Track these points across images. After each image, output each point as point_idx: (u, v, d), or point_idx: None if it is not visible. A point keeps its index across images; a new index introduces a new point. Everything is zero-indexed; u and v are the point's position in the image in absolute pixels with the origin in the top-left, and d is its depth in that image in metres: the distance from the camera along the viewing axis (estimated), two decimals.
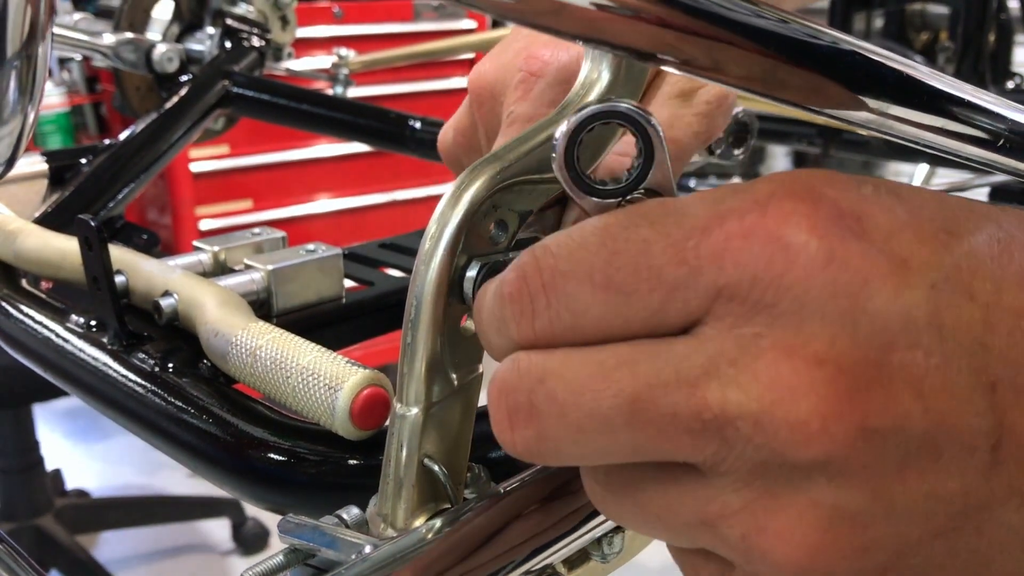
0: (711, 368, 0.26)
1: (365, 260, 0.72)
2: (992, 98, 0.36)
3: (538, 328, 0.29)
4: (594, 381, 0.28)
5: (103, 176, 0.86)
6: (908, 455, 0.26)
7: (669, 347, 0.27)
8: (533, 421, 0.28)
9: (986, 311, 0.26)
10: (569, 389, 0.28)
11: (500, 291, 0.30)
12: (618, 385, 0.27)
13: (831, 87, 0.33)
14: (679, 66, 0.32)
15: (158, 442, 0.53)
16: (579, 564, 0.38)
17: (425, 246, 0.35)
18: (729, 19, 0.30)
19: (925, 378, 0.26)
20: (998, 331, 0.26)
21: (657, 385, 0.27)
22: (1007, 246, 0.27)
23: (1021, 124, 0.36)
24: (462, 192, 0.35)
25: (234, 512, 2.40)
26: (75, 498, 2.42)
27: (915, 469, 0.26)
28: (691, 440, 0.27)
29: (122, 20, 1.19)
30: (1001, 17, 1.46)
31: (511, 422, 0.29)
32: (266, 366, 0.49)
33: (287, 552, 0.36)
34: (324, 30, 2.72)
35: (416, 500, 0.36)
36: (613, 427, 0.27)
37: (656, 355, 0.27)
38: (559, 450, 0.29)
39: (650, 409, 0.27)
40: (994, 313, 0.26)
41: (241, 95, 1.08)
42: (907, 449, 0.26)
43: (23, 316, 0.64)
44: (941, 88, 0.35)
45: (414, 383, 0.36)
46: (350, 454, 0.47)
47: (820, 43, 0.32)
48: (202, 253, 0.64)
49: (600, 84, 0.37)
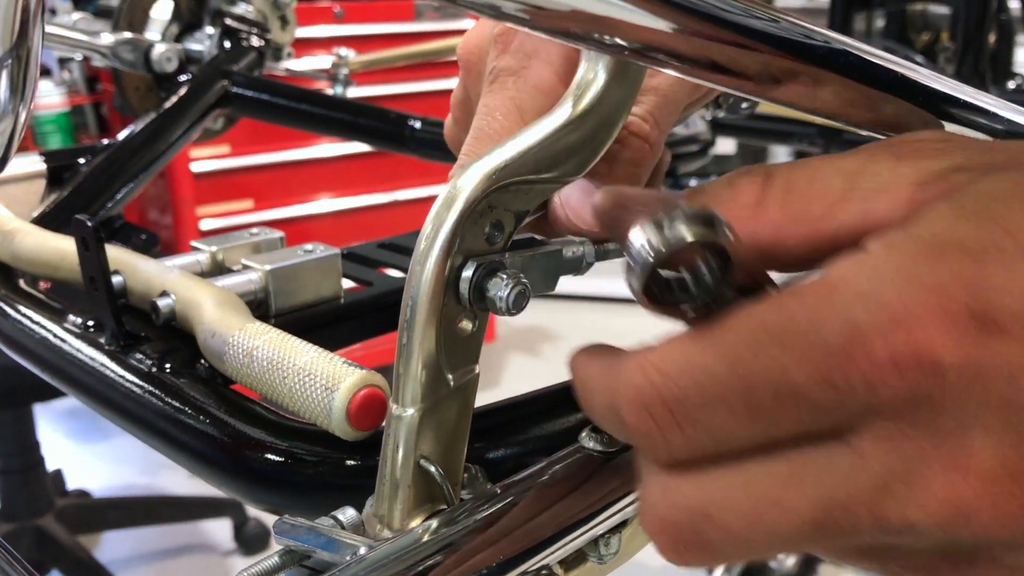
0: (883, 487, 0.27)
1: (364, 260, 0.72)
2: (989, 98, 0.36)
3: (677, 455, 0.28)
4: (767, 510, 0.27)
5: (101, 176, 0.86)
6: None
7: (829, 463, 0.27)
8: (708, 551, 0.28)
9: None
10: (743, 521, 0.28)
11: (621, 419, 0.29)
12: (795, 512, 0.27)
13: (830, 84, 0.33)
14: (676, 67, 0.32)
15: (155, 443, 0.53)
16: (576, 565, 0.38)
17: (421, 246, 0.35)
18: (726, 20, 0.30)
19: None
20: None
21: (834, 507, 0.27)
22: None
23: (1018, 124, 0.36)
24: (457, 192, 0.35)
25: (236, 512, 2.40)
26: (76, 498, 2.42)
27: None
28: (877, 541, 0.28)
29: (121, 20, 1.19)
30: (1002, 17, 1.46)
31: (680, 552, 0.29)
32: (263, 366, 0.49)
33: (283, 553, 0.36)
34: (324, 30, 2.72)
35: (412, 501, 0.36)
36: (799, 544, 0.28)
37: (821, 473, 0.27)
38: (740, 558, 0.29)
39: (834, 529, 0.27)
40: None
41: (240, 95, 1.08)
42: None
43: (21, 316, 0.64)
44: (938, 89, 0.35)
45: (410, 384, 0.36)
46: (347, 455, 0.47)
47: (817, 43, 0.32)
48: (200, 253, 0.64)
49: (596, 85, 0.37)
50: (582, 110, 0.37)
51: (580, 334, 3.64)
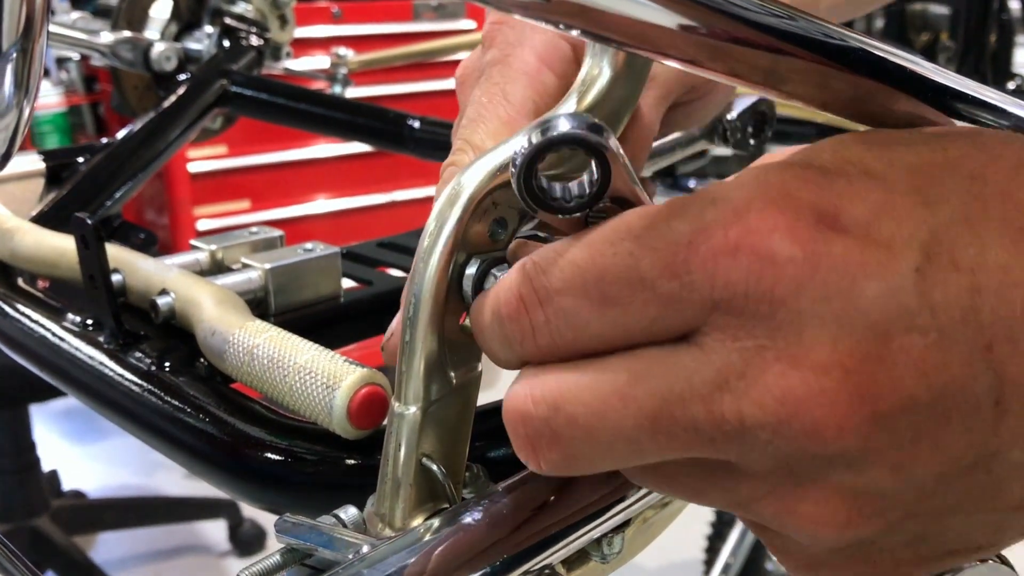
0: (722, 382, 0.27)
1: (364, 259, 0.72)
2: (996, 94, 0.36)
3: (541, 344, 0.30)
4: (612, 402, 0.28)
5: (100, 175, 0.86)
6: (919, 429, 0.27)
7: (676, 359, 0.28)
8: (557, 446, 0.29)
9: (972, 276, 0.27)
10: (588, 412, 0.29)
11: (497, 310, 0.31)
12: (636, 404, 0.28)
13: (834, 82, 0.33)
14: (680, 61, 0.31)
15: (154, 442, 0.53)
16: (578, 565, 0.37)
17: (424, 243, 0.35)
18: (732, 13, 0.30)
19: (925, 357, 0.27)
20: (986, 292, 0.27)
21: (673, 400, 0.28)
22: (983, 200, 0.28)
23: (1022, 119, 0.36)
24: (461, 189, 0.35)
25: (231, 513, 2.39)
26: (72, 499, 2.42)
27: (927, 439, 0.27)
28: (714, 447, 0.28)
29: (120, 19, 1.18)
30: (1002, 17, 1.46)
31: (534, 448, 0.30)
32: (263, 365, 0.49)
33: (284, 552, 0.36)
34: (323, 30, 2.72)
35: (414, 500, 0.36)
36: (638, 442, 0.28)
37: (666, 369, 0.28)
38: (589, 465, 0.30)
39: (670, 425, 0.28)
40: (980, 276, 0.27)
41: (239, 94, 1.07)
42: (917, 424, 0.27)
43: (19, 315, 0.64)
44: (944, 83, 0.35)
45: (412, 382, 0.36)
46: (348, 453, 0.46)
47: (826, 38, 0.32)
48: (199, 252, 0.63)
49: (601, 80, 0.37)
50: (587, 105, 0.37)
51: None
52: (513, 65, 0.42)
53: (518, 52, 0.42)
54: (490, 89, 0.42)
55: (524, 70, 0.42)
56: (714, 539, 1.93)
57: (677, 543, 2.03)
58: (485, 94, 0.42)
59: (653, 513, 0.40)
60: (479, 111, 0.42)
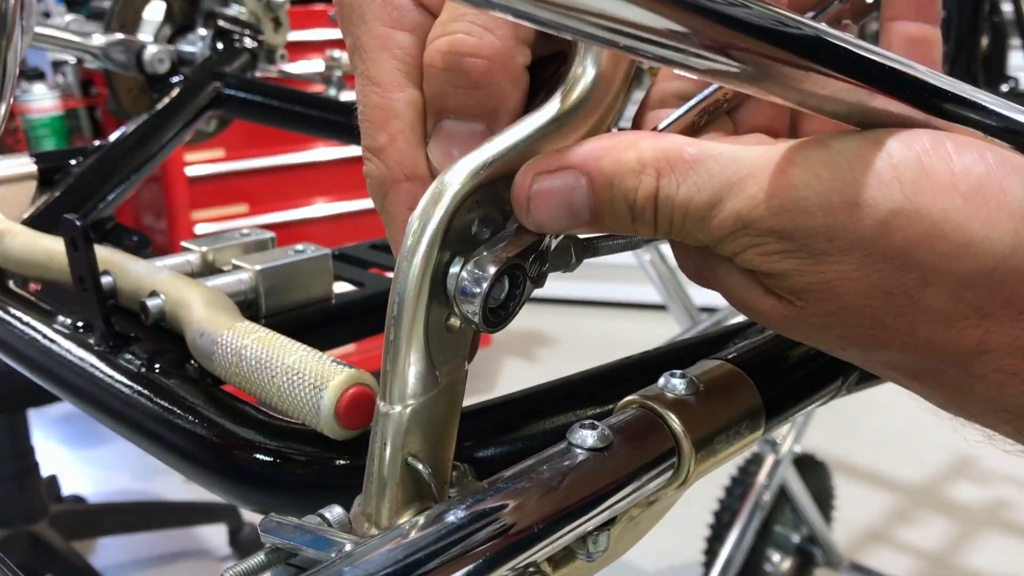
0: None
1: (355, 261, 0.72)
2: (983, 95, 0.36)
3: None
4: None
5: (93, 178, 0.86)
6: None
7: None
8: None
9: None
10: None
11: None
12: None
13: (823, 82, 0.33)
14: (665, 60, 0.31)
15: (145, 443, 0.53)
16: (564, 563, 0.37)
17: (408, 242, 0.35)
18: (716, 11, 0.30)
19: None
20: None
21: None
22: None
23: (1011, 120, 0.36)
24: (444, 188, 0.35)
25: (231, 518, 2.39)
26: (71, 504, 2.41)
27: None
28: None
29: (113, 21, 1.18)
30: (994, 20, 1.46)
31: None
32: (251, 366, 0.49)
33: (269, 551, 0.35)
34: (319, 33, 2.72)
35: (400, 499, 0.36)
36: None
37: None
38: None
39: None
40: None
41: (233, 96, 1.07)
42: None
43: (9, 318, 0.63)
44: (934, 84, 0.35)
45: (397, 381, 0.35)
46: (337, 454, 0.46)
47: (808, 36, 0.32)
48: (190, 253, 0.63)
49: (585, 79, 0.37)
50: (571, 104, 0.37)
51: (575, 338, 3.64)
52: (366, 45, 0.40)
53: (364, 29, 0.40)
54: (359, 81, 0.41)
55: (376, 45, 0.40)
56: (713, 540, 1.93)
57: (676, 544, 2.04)
58: (358, 89, 0.41)
59: (639, 511, 0.40)
60: (362, 112, 0.40)
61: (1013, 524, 2.41)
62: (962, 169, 0.32)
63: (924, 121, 0.35)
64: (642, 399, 0.40)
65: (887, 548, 2.33)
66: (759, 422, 0.42)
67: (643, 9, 0.30)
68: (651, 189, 0.34)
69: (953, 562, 2.29)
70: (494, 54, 0.37)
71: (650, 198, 0.34)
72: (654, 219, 0.35)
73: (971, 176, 0.32)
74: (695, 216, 0.34)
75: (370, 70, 0.40)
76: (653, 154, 0.34)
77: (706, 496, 1.92)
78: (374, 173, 0.40)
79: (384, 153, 0.39)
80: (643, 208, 0.35)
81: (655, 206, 0.35)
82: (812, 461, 2.10)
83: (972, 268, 0.32)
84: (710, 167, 0.34)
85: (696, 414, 0.39)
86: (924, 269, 0.32)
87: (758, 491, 1.87)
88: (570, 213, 0.35)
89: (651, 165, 0.34)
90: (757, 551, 1.95)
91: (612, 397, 0.43)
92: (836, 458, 2.45)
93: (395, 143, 0.39)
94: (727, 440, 0.40)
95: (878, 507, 2.50)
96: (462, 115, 0.38)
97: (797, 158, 0.33)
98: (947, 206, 0.32)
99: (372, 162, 0.40)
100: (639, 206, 0.35)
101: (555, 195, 0.35)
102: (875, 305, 0.34)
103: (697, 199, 0.34)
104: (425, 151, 0.39)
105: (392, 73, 0.39)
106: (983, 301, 0.32)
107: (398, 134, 0.39)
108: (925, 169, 0.32)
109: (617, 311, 3.81)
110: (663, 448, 0.38)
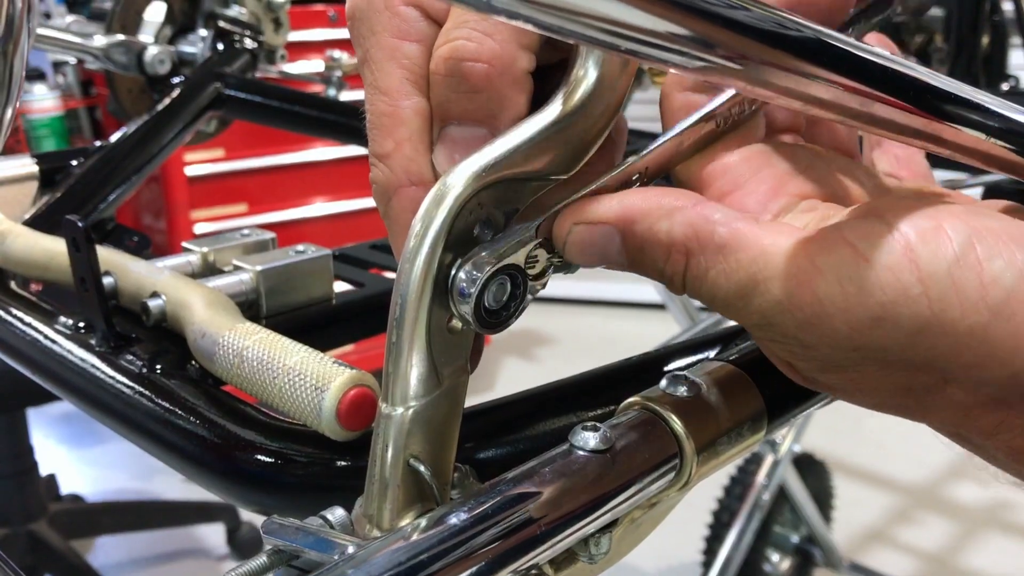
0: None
1: (356, 261, 0.72)
2: (984, 96, 0.36)
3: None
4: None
5: (93, 178, 0.86)
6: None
7: None
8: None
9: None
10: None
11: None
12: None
13: (822, 83, 0.33)
14: (666, 62, 0.31)
15: (146, 444, 0.53)
16: (566, 565, 0.37)
17: (410, 244, 0.35)
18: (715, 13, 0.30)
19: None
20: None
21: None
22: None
23: (1012, 120, 0.36)
24: (447, 190, 0.35)
25: (229, 517, 2.39)
26: (69, 503, 2.41)
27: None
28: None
29: (114, 22, 1.18)
30: (995, 19, 1.46)
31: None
32: (253, 367, 0.49)
33: (270, 553, 0.35)
34: (319, 34, 2.72)
35: (402, 501, 0.36)
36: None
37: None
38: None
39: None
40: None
41: (233, 97, 1.07)
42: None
43: (11, 318, 0.64)
44: (932, 85, 0.35)
45: (399, 382, 0.36)
46: (339, 455, 0.46)
47: (806, 37, 0.32)
48: (191, 254, 0.63)
49: (587, 82, 0.37)
50: (573, 107, 0.37)
51: (575, 338, 3.64)
52: (374, 57, 0.41)
53: (373, 41, 0.41)
54: (368, 92, 0.41)
55: (384, 56, 0.41)
56: (712, 540, 1.93)
57: (675, 545, 2.04)
58: (367, 99, 0.42)
59: (641, 513, 0.40)
60: (369, 120, 0.41)
61: (1013, 524, 2.42)
62: (991, 280, 0.31)
63: (926, 124, 0.35)
64: (644, 401, 0.40)
65: (887, 548, 2.33)
66: (761, 424, 0.42)
67: (644, 12, 0.30)
68: (680, 268, 0.35)
69: (953, 562, 2.29)
70: (494, 58, 0.37)
71: (679, 274, 0.36)
72: (683, 289, 0.36)
73: (999, 288, 0.31)
74: (722, 301, 0.35)
75: (378, 80, 0.41)
76: (683, 231, 0.35)
77: (705, 496, 1.93)
78: (380, 179, 0.40)
79: (390, 159, 0.40)
80: (671, 278, 0.36)
81: (683, 281, 0.36)
82: (811, 461, 2.10)
83: (996, 374, 0.32)
84: (739, 257, 0.34)
85: (698, 416, 0.39)
86: (946, 374, 0.33)
87: (757, 491, 1.87)
88: (605, 260, 0.37)
89: (680, 243, 0.35)
90: (756, 551, 1.95)
91: (614, 398, 0.43)
92: (835, 458, 2.45)
93: (401, 149, 0.40)
94: (729, 442, 0.40)
95: (878, 507, 2.50)
96: (465, 120, 0.39)
97: (823, 264, 0.33)
98: (974, 321, 0.31)
99: (378, 168, 0.40)
100: (667, 275, 0.36)
101: (590, 245, 0.37)
102: (894, 395, 0.34)
103: (725, 288, 0.34)
104: (431, 158, 0.39)
105: (400, 82, 0.40)
106: (1004, 395, 0.33)
107: (404, 140, 0.39)
108: (954, 283, 0.32)
109: (616, 310, 3.82)
110: (665, 450, 0.38)
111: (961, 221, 0.32)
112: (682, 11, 0.30)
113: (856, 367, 0.34)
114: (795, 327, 0.33)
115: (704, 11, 0.30)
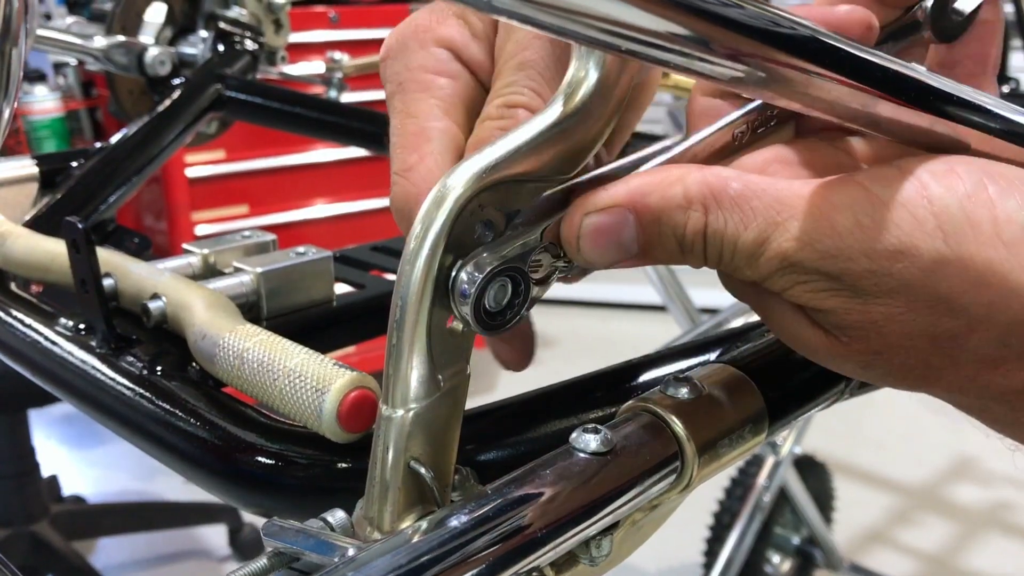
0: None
1: (356, 263, 0.72)
2: (987, 98, 0.36)
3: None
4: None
5: (94, 179, 0.86)
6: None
7: None
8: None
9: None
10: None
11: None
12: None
13: (827, 85, 0.33)
14: (666, 64, 0.31)
15: (146, 446, 0.53)
16: (567, 567, 0.37)
17: (410, 246, 0.35)
18: (717, 14, 0.30)
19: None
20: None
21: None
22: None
23: (1014, 122, 0.36)
24: (447, 191, 0.35)
25: (231, 518, 2.39)
26: (71, 504, 2.41)
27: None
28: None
29: (115, 23, 1.18)
30: None
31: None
32: (253, 369, 0.49)
33: (271, 556, 0.35)
34: (319, 35, 2.72)
35: (402, 503, 0.36)
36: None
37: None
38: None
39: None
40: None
41: (234, 98, 1.07)
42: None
43: (11, 320, 0.63)
44: (934, 86, 0.35)
45: (400, 384, 0.35)
46: (339, 457, 0.46)
47: (811, 40, 0.32)
48: (191, 256, 0.63)
49: (587, 83, 0.37)
50: (573, 108, 0.36)
51: (575, 339, 3.64)
52: (408, 88, 0.43)
53: (408, 75, 0.43)
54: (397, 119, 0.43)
55: (418, 87, 0.43)
56: (713, 542, 1.93)
57: (676, 546, 2.03)
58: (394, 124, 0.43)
59: (642, 515, 0.40)
60: (394, 141, 0.42)
61: (1013, 525, 2.41)
62: (1005, 217, 0.32)
63: (929, 126, 0.35)
64: (645, 403, 0.39)
65: (887, 549, 2.33)
66: (762, 426, 0.42)
67: (644, 12, 0.29)
68: (700, 225, 0.35)
69: (953, 563, 2.29)
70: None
71: (699, 233, 0.35)
72: (703, 252, 0.36)
73: (1014, 225, 0.32)
74: (743, 253, 0.35)
75: (409, 107, 0.42)
76: (699, 189, 0.35)
77: (706, 497, 1.92)
78: (399, 192, 0.41)
79: (412, 172, 0.41)
80: (692, 243, 0.36)
81: (704, 241, 0.35)
82: (812, 462, 2.10)
83: (1019, 316, 0.32)
84: (754, 204, 0.34)
85: (699, 418, 0.39)
86: (970, 316, 0.33)
87: (758, 492, 1.87)
88: (619, 249, 0.36)
89: (698, 200, 0.35)
90: (757, 552, 1.95)
91: (615, 400, 0.43)
92: (836, 459, 2.45)
93: (424, 162, 0.40)
94: (730, 444, 0.40)
95: (878, 508, 2.50)
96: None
97: (839, 202, 0.33)
98: (991, 256, 0.32)
99: (399, 184, 0.41)
100: (688, 241, 0.36)
101: (604, 233, 0.36)
102: (920, 347, 0.34)
103: (744, 236, 0.35)
104: None
105: (431, 107, 0.42)
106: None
107: (428, 155, 0.40)
108: (968, 217, 0.32)
109: (617, 312, 3.81)
110: (666, 452, 0.38)
111: (974, 165, 0.33)
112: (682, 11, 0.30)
113: (880, 304, 0.33)
114: (817, 259, 0.33)
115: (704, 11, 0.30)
